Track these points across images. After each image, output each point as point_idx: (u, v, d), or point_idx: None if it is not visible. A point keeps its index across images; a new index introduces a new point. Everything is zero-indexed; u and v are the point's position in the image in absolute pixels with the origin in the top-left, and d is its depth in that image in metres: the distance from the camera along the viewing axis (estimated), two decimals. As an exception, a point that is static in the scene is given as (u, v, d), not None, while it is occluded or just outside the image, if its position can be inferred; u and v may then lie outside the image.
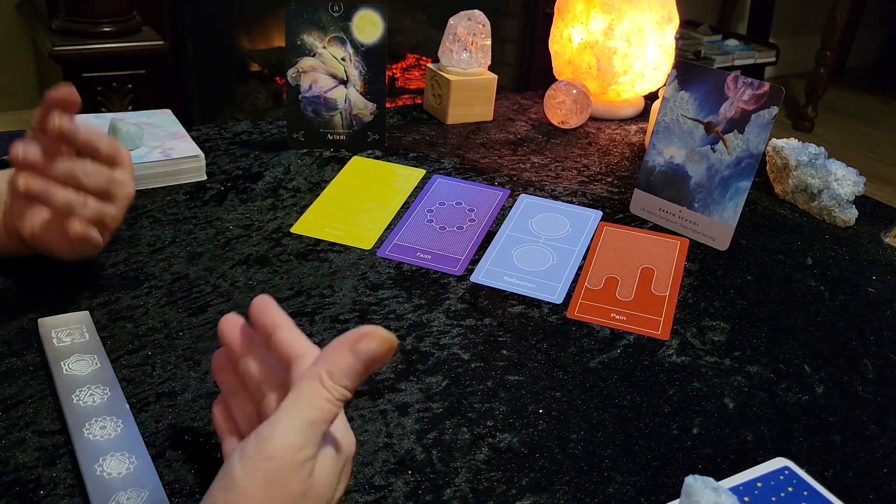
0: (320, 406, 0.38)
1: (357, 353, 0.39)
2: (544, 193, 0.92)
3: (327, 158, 0.96)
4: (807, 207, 0.94)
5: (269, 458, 0.37)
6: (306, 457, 0.38)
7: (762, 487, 0.53)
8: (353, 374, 0.39)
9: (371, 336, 0.39)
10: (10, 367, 0.59)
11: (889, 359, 0.69)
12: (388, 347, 0.39)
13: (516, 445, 0.56)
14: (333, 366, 0.38)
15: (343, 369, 0.38)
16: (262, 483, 0.36)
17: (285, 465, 0.37)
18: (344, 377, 0.38)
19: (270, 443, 0.37)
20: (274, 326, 0.43)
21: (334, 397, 0.38)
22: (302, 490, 0.37)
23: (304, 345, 0.43)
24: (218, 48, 2.32)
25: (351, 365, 0.38)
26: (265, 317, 0.44)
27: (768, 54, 3.26)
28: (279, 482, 0.37)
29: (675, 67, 0.86)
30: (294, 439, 0.37)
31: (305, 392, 0.38)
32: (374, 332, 0.39)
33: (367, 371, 0.39)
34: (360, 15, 0.95)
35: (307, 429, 0.38)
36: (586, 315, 0.72)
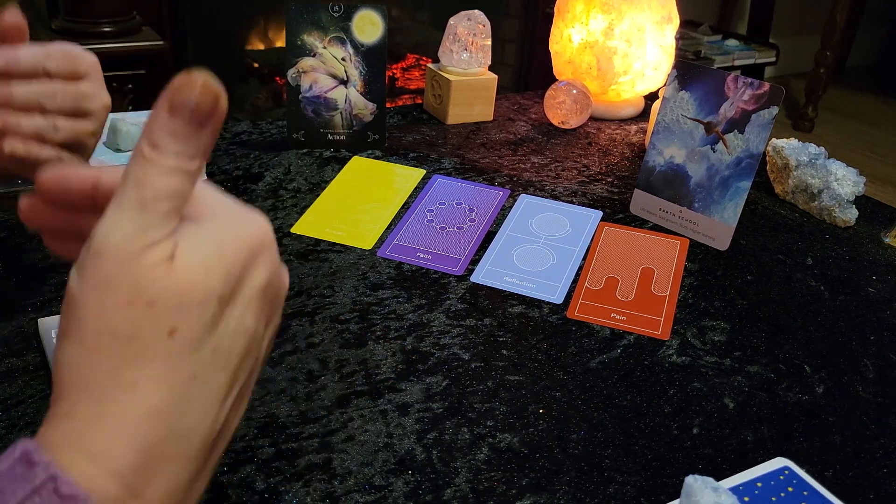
0: (150, 183, 0.30)
1: (175, 109, 0.30)
2: (544, 193, 0.92)
3: (327, 158, 0.96)
4: (807, 207, 0.94)
5: (96, 254, 0.29)
6: (147, 243, 0.29)
7: (762, 487, 0.53)
8: (181, 136, 0.30)
9: (184, 86, 0.30)
10: (10, 367, 0.59)
11: (889, 359, 0.69)
12: (208, 92, 0.30)
13: (516, 445, 0.56)
14: (153, 135, 0.30)
15: (165, 134, 0.30)
16: (94, 285, 0.29)
17: (120, 257, 0.29)
18: (170, 142, 0.30)
19: (97, 238, 0.29)
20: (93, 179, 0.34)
21: (164, 168, 0.30)
22: (147, 282, 0.29)
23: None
24: (218, 48, 2.32)
25: (174, 126, 0.30)
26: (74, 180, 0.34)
27: (768, 54, 3.26)
28: (117, 278, 0.29)
29: (675, 67, 0.86)
30: (124, 227, 0.29)
31: (129, 173, 0.30)
32: (185, 80, 0.30)
33: (200, 127, 0.31)
34: (360, 15, 0.95)
35: (138, 212, 0.29)
36: (586, 315, 0.72)
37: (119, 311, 0.29)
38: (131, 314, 0.29)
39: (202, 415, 0.30)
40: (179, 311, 0.29)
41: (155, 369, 0.29)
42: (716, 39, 3.25)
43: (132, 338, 0.29)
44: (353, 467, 0.53)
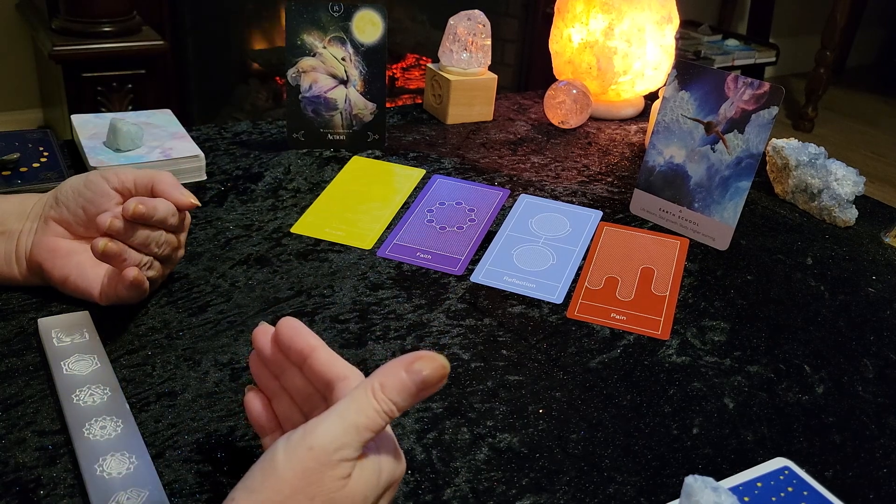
0: (367, 413, 0.39)
1: (410, 372, 0.40)
2: (544, 193, 0.92)
3: (327, 158, 0.96)
4: (807, 207, 0.94)
5: (310, 447, 0.38)
6: (345, 457, 0.39)
7: (762, 487, 0.53)
8: (403, 393, 0.40)
9: (426, 359, 0.41)
10: (10, 367, 0.59)
11: (889, 359, 0.69)
12: (441, 373, 0.41)
13: (516, 445, 0.56)
14: (387, 380, 0.40)
15: (395, 385, 0.40)
16: (299, 471, 0.38)
17: (324, 459, 0.38)
18: (395, 393, 0.40)
19: (314, 434, 0.39)
20: (311, 348, 0.45)
21: (382, 409, 0.40)
22: (335, 489, 0.39)
23: (346, 366, 0.44)
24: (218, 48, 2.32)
25: (403, 383, 0.40)
26: (299, 339, 0.45)
27: (768, 54, 3.26)
28: (315, 474, 0.38)
29: (675, 67, 0.86)
30: (336, 436, 0.39)
31: (355, 398, 0.40)
32: (429, 355, 0.41)
33: (419, 393, 0.41)
34: (360, 15, 0.95)
35: (350, 430, 0.39)
36: (586, 315, 0.72)
37: (304, 500, 0.38)
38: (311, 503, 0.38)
39: None
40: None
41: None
42: (716, 39, 3.25)
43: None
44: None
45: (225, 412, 0.56)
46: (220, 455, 0.53)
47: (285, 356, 0.47)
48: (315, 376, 0.45)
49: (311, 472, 0.38)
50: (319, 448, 0.38)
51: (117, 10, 1.80)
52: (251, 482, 0.39)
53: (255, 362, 0.49)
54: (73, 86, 1.79)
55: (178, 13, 2.04)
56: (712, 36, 3.26)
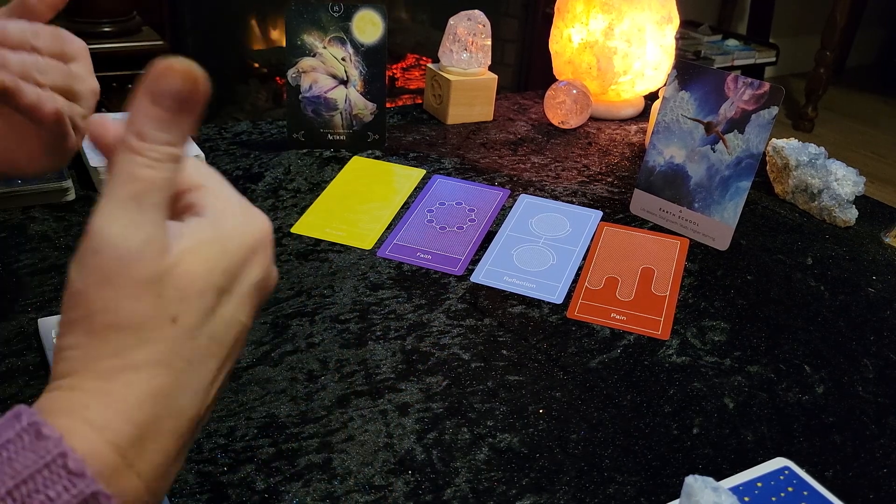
0: (138, 175, 0.31)
1: (158, 98, 0.31)
2: (544, 193, 0.92)
3: (327, 158, 0.97)
4: (807, 207, 0.94)
5: (95, 251, 0.31)
6: (144, 239, 0.31)
7: (762, 487, 0.53)
8: (164, 124, 0.31)
9: (167, 73, 0.31)
10: (10, 367, 0.59)
11: (889, 359, 0.69)
12: (189, 77, 0.32)
13: (516, 445, 0.56)
14: (138, 125, 0.31)
15: (149, 123, 0.31)
16: (97, 282, 0.31)
17: (117, 253, 0.30)
18: (155, 131, 0.31)
19: (94, 234, 0.31)
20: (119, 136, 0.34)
21: (152, 159, 0.31)
22: (152, 278, 0.31)
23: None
24: (218, 48, 2.32)
25: (158, 114, 0.31)
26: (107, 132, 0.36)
27: (768, 54, 3.26)
28: (117, 275, 0.30)
29: (675, 67, 0.86)
30: (119, 223, 0.31)
31: (118, 166, 0.31)
32: (168, 67, 0.31)
33: (181, 115, 0.32)
34: (360, 15, 0.95)
35: (131, 207, 0.31)
36: (586, 315, 0.72)
37: (127, 304, 0.30)
38: (139, 306, 0.31)
39: (193, 397, 0.33)
40: (183, 301, 0.31)
41: (158, 353, 0.31)
42: (716, 39, 3.25)
43: (139, 326, 0.31)
44: (353, 467, 0.53)
45: (225, 412, 0.57)
46: (219, 455, 0.53)
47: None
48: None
49: (114, 274, 0.30)
50: (106, 244, 0.30)
51: (117, 10, 1.80)
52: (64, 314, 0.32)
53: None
54: None
55: (178, 13, 2.04)
56: (712, 36, 3.26)
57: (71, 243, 0.74)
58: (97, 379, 0.30)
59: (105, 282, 0.30)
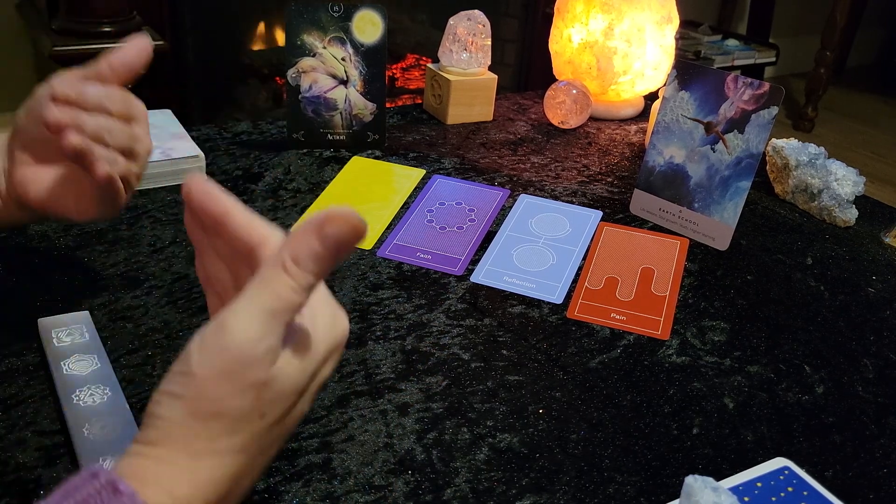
0: (282, 295, 0.35)
1: (323, 237, 0.35)
2: (544, 193, 0.92)
3: (327, 158, 0.96)
4: (807, 207, 0.94)
5: (225, 348, 0.34)
6: (267, 349, 0.35)
7: (762, 487, 0.53)
8: (319, 260, 0.35)
9: (337, 219, 0.35)
10: (10, 367, 0.59)
11: (889, 359, 0.69)
12: (356, 231, 0.36)
13: (516, 445, 0.56)
14: (298, 252, 0.35)
15: (309, 255, 0.35)
16: (216, 374, 0.34)
17: (242, 356, 0.34)
18: (310, 263, 0.35)
19: (228, 333, 0.34)
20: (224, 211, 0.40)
21: (299, 285, 0.35)
22: (261, 382, 0.35)
23: (266, 227, 0.40)
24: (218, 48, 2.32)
25: (317, 250, 0.35)
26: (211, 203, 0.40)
27: (768, 54, 3.26)
28: (235, 374, 0.34)
29: (675, 67, 0.86)
30: (253, 330, 0.34)
31: (267, 280, 0.35)
32: (340, 213, 0.35)
33: (336, 257, 0.36)
34: (360, 15, 0.95)
35: (267, 319, 0.35)
36: (586, 315, 0.72)
37: (232, 400, 0.35)
38: (241, 403, 0.35)
39: (256, 475, 0.38)
40: (274, 402, 0.36)
41: (242, 442, 0.36)
42: (716, 39, 3.25)
43: (236, 419, 0.35)
44: (353, 467, 0.53)
45: (225, 412, 0.56)
46: (220, 455, 0.53)
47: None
48: (234, 241, 0.40)
49: (231, 373, 0.34)
50: (236, 347, 0.34)
51: (117, 10, 1.80)
52: (172, 387, 0.35)
53: (188, 217, 0.43)
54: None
55: (178, 13, 2.04)
56: (712, 36, 3.26)
57: (71, 243, 0.74)
58: (187, 457, 0.35)
59: (223, 377, 0.34)
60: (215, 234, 0.41)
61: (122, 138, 0.57)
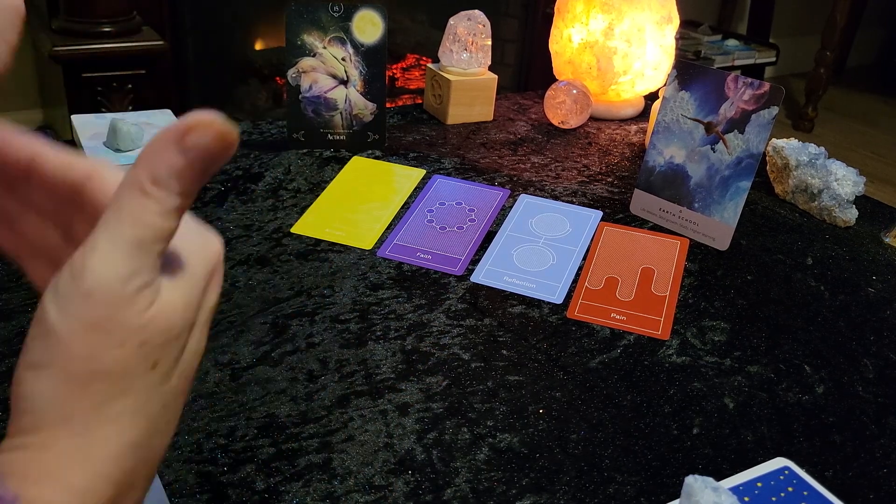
0: (148, 222, 0.29)
1: (186, 149, 0.29)
2: (544, 193, 0.92)
3: (327, 158, 0.97)
4: (807, 207, 0.94)
5: (87, 294, 0.28)
6: (140, 285, 0.29)
7: (762, 487, 0.53)
8: (184, 177, 0.29)
9: (200, 126, 0.29)
10: (10, 367, 0.59)
11: (889, 359, 0.69)
12: (224, 139, 0.29)
13: (516, 445, 0.56)
14: (157, 170, 0.28)
15: (170, 172, 0.29)
16: (85, 327, 0.28)
17: (112, 300, 0.28)
18: (173, 181, 0.29)
19: (89, 276, 0.28)
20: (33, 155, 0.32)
21: (164, 208, 0.29)
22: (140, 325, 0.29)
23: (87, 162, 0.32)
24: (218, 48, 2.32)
25: (181, 165, 0.29)
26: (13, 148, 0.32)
27: (768, 54, 3.26)
28: (107, 323, 0.28)
29: (675, 67, 0.86)
30: (119, 268, 0.28)
31: (126, 206, 0.29)
32: (202, 120, 0.29)
33: (204, 172, 0.29)
34: (360, 15, 0.95)
35: (135, 252, 0.29)
36: (586, 315, 0.72)
37: (110, 352, 0.28)
38: (122, 354, 0.29)
39: (164, 438, 0.31)
40: (164, 346, 0.30)
41: (136, 402, 0.29)
42: (716, 39, 3.25)
43: (119, 374, 0.29)
44: (353, 467, 0.53)
45: (225, 412, 0.57)
46: (219, 455, 0.53)
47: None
48: (54, 189, 0.32)
49: (101, 323, 0.28)
50: (102, 290, 0.28)
51: (117, 10, 1.80)
52: (33, 356, 0.29)
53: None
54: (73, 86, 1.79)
55: (178, 13, 2.04)
56: (712, 36, 3.26)
57: (71, 243, 0.75)
58: (74, 435, 0.28)
59: (94, 328, 0.28)
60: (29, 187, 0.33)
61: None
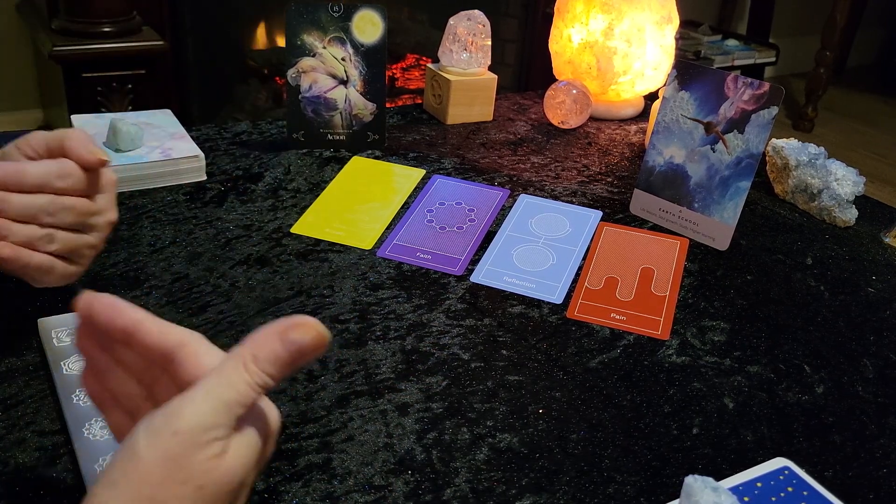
0: (239, 389, 0.36)
1: (286, 342, 0.36)
2: (544, 193, 0.92)
3: (327, 158, 0.96)
4: (807, 207, 0.94)
5: (175, 433, 0.34)
6: (215, 437, 0.35)
7: (762, 487, 0.53)
8: (278, 364, 0.36)
9: (303, 327, 0.36)
10: (10, 367, 0.59)
11: (889, 359, 0.69)
12: (319, 342, 0.37)
13: (516, 445, 0.56)
14: (259, 351, 0.36)
15: (269, 356, 0.36)
16: (163, 457, 0.34)
17: (192, 443, 0.34)
18: (269, 364, 0.36)
19: (180, 418, 0.35)
20: (135, 323, 0.39)
21: (255, 382, 0.36)
22: (205, 470, 0.35)
23: (181, 331, 0.39)
24: (218, 48, 2.32)
25: (278, 353, 0.36)
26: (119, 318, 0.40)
27: (768, 54, 3.26)
28: (182, 459, 0.34)
29: (675, 67, 0.86)
30: (206, 418, 0.35)
31: (227, 373, 0.36)
32: (306, 323, 0.36)
33: (294, 364, 0.37)
34: (360, 15, 0.95)
35: (221, 409, 0.35)
36: (586, 315, 0.72)
37: (174, 487, 0.34)
38: (182, 491, 0.34)
39: None
40: (216, 497, 0.35)
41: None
42: (716, 39, 3.25)
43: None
44: (353, 467, 0.53)
45: (225, 412, 0.56)
46: (220, 455, 0.53)
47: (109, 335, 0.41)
48: (148, 352, 0.39)
49: (179, 457, 0.34)
50: (187, 431, 0.34)
51: (117, 10, 1.80)
52: (112, 475, 0.34)
53: (82, 335, 0.42)
54: (73, 86, 1.79)
55: (178, 13, 2.04)
56: (712, 36, 3.26)
57: (71, 243, 0.74)
58: None
59: (170, 460, 0.34)
60: (123, 348, 0.41)
61: (71, 217, 0.55)
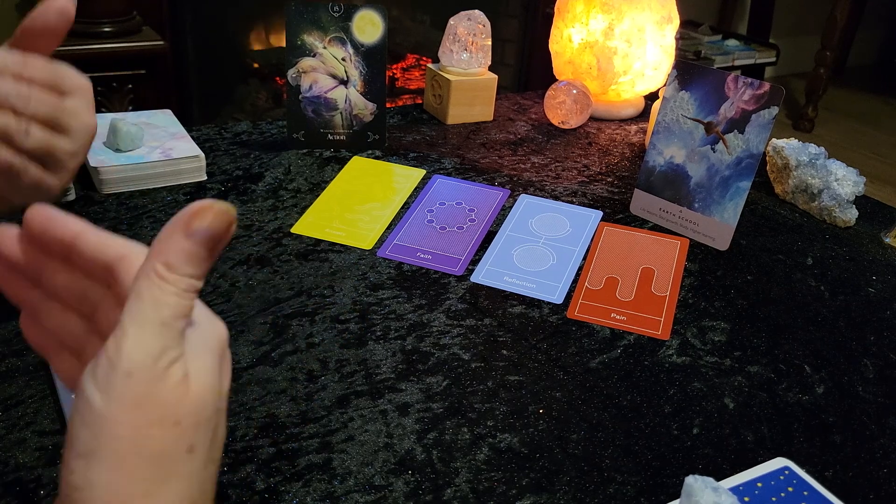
0: (168, 302, 0.32)
1: (192, 236, 0.32)
2: (544, 193, 0.92)
3: (327, 158, 0.97)
4: (807, 207, 0.94)
5: (128, 373, 0.31)
6: (171, 360, 0.32)
7: (762, 487, 0.53)
8: (194, 260, 0.33)
9: (202, 212, 0.32)
10: (10, 367, 0.59)
11: (889, 359, 0.69)
12: (225, 219, 0.33)
13: (516, 445, 0.56)
14: (170, 256, 0.32)
15: (181, 258, 0.32)
16: (130, 404, 0.30)
17: (150, 376, 0.31)
18: (186, 266, 0.32)
19: (125, 358, 0.31)
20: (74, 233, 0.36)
21: (181, 289, 0.32)
22: (175, 401, 0.31)
23: (121, 243, 0.35)
24: (218, 48, 2.32)
25: (190, 251, 0.32)
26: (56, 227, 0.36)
27: (768, 54, 3.26)
28: (150, 398, 0.31)
29: (676, 67, 0.86)
30: (151, 346, 0.31)
31: (146, 292, 0.32)
32: (203, 206, 0.33)
33: (213, 253, 0.33)
34: (360, 15, 0.95)
35: (161, 331, 0.32)
36: (586, 315, 0.72)
37: (151, 431, 0.31)
38: (161, 433, 0.31)
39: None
40: (197, 429, 0.32)
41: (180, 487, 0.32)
42: (716, 39, 3.25)
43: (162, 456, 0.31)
44: (353, 467, 0.53)
45: (225, 412, 0.56)
46: (220, 455, 0.53)
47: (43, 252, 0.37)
48: (88, 264, 0.36)
49: (143, 398, 0.31)
50: (140, 367, 0.31)
51: (117, 10, 1.80)
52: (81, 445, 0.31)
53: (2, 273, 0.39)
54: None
55: (178, 13, 2.04)
56: (712, 36, 3.26)
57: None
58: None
59: (136, 406, 0.30)
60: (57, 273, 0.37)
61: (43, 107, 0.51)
